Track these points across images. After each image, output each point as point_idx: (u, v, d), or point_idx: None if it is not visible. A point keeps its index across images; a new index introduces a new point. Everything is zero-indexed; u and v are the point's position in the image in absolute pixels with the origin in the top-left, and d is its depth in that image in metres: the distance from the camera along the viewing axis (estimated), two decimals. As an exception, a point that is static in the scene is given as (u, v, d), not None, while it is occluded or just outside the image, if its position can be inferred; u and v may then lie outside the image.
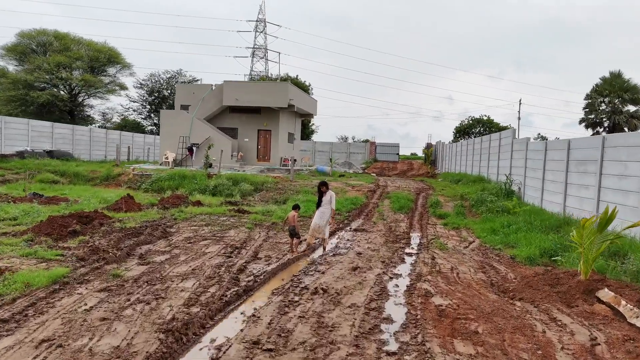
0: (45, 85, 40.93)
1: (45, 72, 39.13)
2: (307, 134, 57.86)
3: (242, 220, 14.82)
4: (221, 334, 5.62)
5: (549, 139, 38.50)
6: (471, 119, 55.30)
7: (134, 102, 56.99)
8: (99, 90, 46.82)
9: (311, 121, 61.19)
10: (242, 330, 5.71)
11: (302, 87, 52.48)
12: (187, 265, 8.78)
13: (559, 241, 10.82)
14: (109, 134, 37.73)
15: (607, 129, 51.51)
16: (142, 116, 58.55)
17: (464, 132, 54.20)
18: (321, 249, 11.00)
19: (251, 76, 65.92)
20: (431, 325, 6.04)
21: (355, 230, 13.83)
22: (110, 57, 44.08)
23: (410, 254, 10.76)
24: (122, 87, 50.84)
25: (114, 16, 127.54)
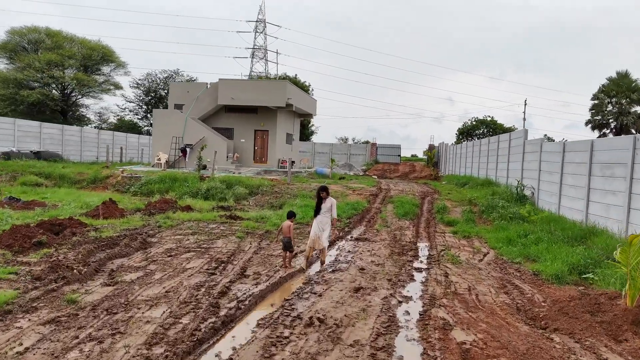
0: (36, 84, 39.66)
1: (36, 71, 37.86)
2: (306, 134, 56.59)
3: (233, 227, 13.57)
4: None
5: (555, 141, 37.15)
6: (474, 120, 54.01)
7: (130, 102, 55.73)
8: (92, 89, 45.56)
9: (311, 122, 59.93)
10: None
11: (301, 87, 51.17)
12: (160, 286, 7.50)
13: (589, 255, 9.55)
14: (101, 135, 36.42)
15: (613, 130, 50.24)
16: (139, 116, 57.27)
17: (467, 133, 52.92)
18: (319, 263, 9.72)
19: (250, 77, 64.65)
20: (455, 373, 4.77)
21: (356, 239, 12.55)
22: (104, 56, 42.78)
23: (419, 269, 9.49)
24: (117, 87, 49.57)
25: (112, 16, 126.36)
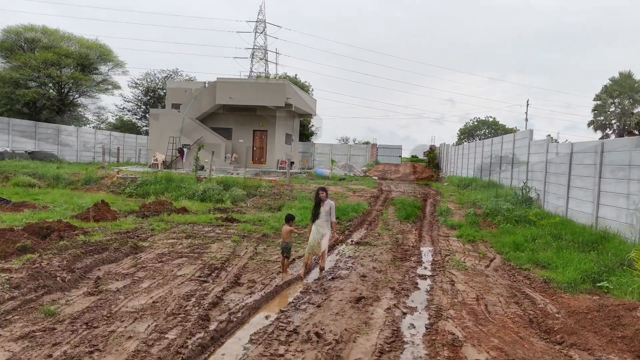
0: (32, 83, 39.17)
1: (32, 70, 37.37)
2: (306, 135, 56.08)
3: (229, 230, 13.09)
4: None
5: (558, 142, 36.68)
6: (476, 120, 53.52)
7: (129, 102, 55.23)
8: (90, 88, 45.05)
9: (311, 121, 59.47)
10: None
11: (301, 86, 50.67)
12: (148, 295, 7.01)
13: (602, 262, 9.06)
14: (98, 135, 35.92)
15: (616, 131, 49.75)
16: (137, 117, 56.77)
17: (468, 133, 52.44)
18: (318, 269, 9.22)
19: (250, 77, 64.19)
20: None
21: (357, 243, 12.06)
22: (101, 55, 42.28)
23: (423, 277, 8.99)
24: (115, 86, 49.06)
25: (110, 16, 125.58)
